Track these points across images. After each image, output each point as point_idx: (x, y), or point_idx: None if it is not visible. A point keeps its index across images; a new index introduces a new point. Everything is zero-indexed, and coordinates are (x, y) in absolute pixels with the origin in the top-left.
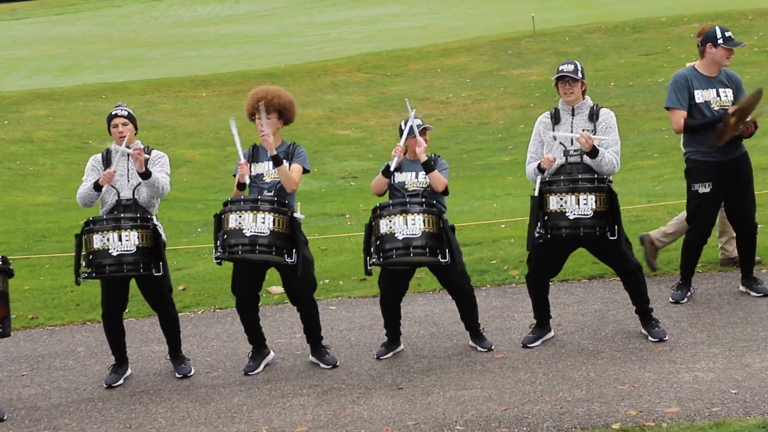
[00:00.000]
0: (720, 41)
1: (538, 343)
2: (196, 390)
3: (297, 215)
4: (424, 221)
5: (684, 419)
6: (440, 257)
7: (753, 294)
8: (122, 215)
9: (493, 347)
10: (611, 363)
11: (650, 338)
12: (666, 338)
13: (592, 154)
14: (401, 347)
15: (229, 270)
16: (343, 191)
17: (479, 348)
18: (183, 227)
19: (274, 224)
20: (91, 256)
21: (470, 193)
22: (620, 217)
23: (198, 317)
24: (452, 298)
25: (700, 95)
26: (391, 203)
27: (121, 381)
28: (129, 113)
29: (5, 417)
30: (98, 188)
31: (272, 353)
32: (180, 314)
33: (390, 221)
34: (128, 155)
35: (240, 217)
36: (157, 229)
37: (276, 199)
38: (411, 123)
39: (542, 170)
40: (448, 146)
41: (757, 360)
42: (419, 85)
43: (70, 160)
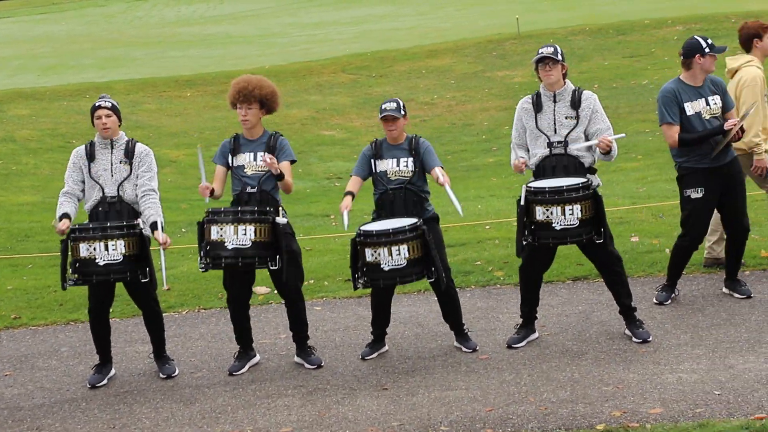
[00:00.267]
0: (707, 50)
1: (523, 344)
2: (181, 390)
3: (279, 220)
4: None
5: (668, 420)
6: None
7: (736, 296)
8: (108, 224)
9: (478, 348)
10: (595, 364)
11: (634, 339)
12: (650, 339)
13: (608, 154)
14: (386, 348)
15: (215, 271)
16: (328, 192)
17: (464, 349)
18: (167, 227)
19: (256, 234)
20: (78, 264)
21: (455, 194)
22: (606, 219)
23: (182, 317)
24: (437, 300)
25: (690, 107)
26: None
27: (105, 381)
28: (113, 105)
29: None
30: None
31: (258, 357)
32: (164, 314)
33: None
34: (111, 147)
35: (221, 230)
36: (143, 236)
37: (256, 209)
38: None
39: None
40: (433, 147)
41: (741, 361)
42: (404, 86)
43: (54, 160)
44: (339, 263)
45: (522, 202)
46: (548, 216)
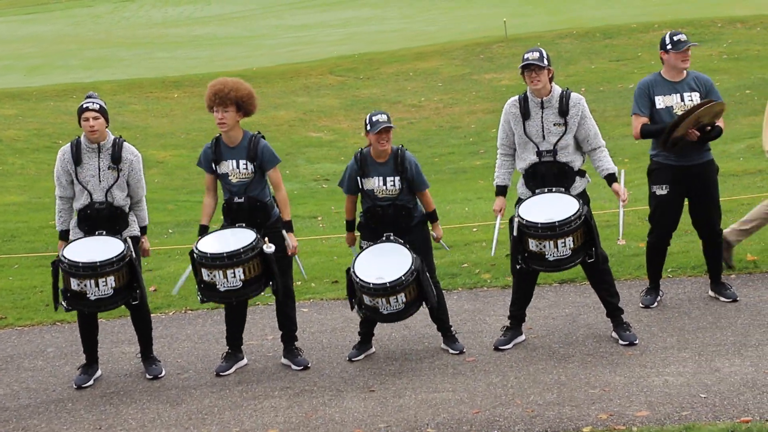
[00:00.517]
0: (669, 46)
1: (510, 346)
2: (167, 391)
3: (266, 249)
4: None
5: (654, 423)
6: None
7: (722, 299)
8: (98, 262)
9: (465, 350)
10: (582, 367)
11: (621, 342)
12: (636, 342)
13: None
14: (373, 349)
15: None
16: (315, 193)
17: (451, 351)
18: (154, 228)
19: (245, 274)
20: (69, 294)
21: (442, 197)
22: (598, 239)
23: (169, 318)
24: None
25: (661, 101)
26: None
27: (91, 382)
28: (101, 106)
29: None
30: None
31: (245, 360)
32: (151, 315)
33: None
34: (98, 152)
35: (211, 273)
36: (132, 262)
37: (241, 250)
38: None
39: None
40: (420, 150)
41: (726, 365)
42: (391, 89)
43: (40, 160)
44: (326, 265)
45: (515, 233)
46: (541, 249)
